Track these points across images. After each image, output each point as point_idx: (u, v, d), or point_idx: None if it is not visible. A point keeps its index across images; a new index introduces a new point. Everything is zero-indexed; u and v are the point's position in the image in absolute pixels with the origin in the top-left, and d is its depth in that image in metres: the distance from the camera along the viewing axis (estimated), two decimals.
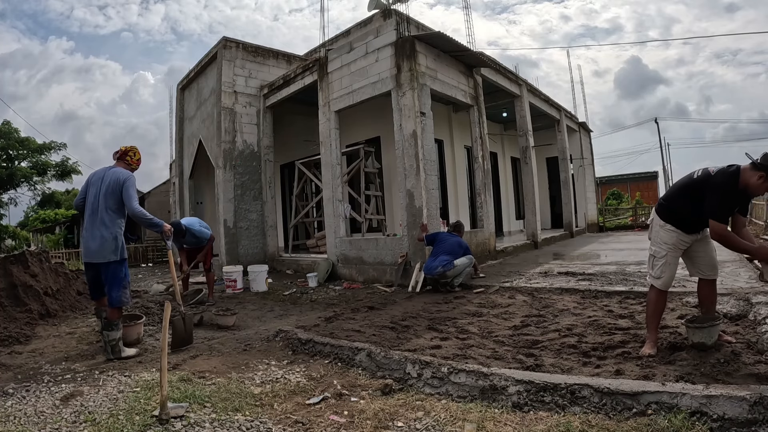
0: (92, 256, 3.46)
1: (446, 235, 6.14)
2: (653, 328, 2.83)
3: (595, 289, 4.72)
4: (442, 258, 5.61)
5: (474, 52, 8.21)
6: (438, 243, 5.91)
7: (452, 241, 5.88)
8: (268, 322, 4.64)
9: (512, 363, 2.71)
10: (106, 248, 3.42)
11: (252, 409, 2.37)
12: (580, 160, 14.20)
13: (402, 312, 4.49)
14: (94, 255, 3.45)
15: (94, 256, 3.45)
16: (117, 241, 3.45)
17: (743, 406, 1.83)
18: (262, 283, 6.83)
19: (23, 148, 26.05)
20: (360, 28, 8.99)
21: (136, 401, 2.46)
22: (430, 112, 6.79)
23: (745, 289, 3.95)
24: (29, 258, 5.13)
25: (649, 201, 31.25)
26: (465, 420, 2.11)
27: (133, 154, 3.71)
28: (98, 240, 3.43)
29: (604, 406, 2.06)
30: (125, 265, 3.54)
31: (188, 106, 11.62)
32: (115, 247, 3.44)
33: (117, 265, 3.47)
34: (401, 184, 6.71)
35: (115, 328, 3.40)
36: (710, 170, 2.64)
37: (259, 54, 9.97)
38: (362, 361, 2.97)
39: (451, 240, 5.92)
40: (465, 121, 8.82)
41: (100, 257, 3.44)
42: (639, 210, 20.30)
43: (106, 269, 3.47)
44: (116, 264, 3.46)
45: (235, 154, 9.32)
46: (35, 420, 2.28)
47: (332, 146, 7.83)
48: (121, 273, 3.48)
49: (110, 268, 3.45)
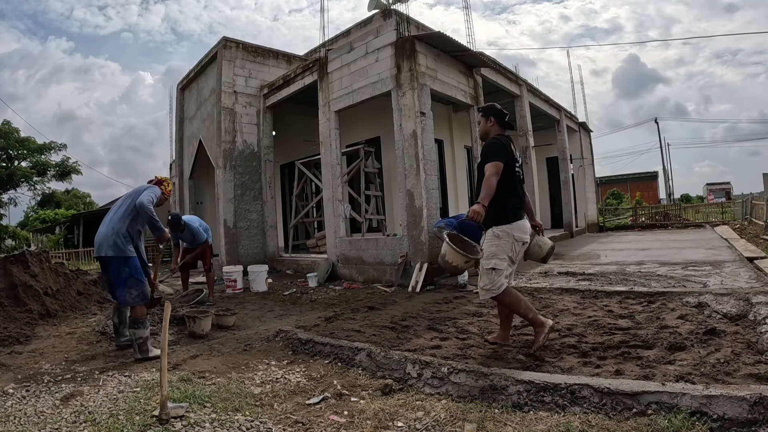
0: (96, 249, 3.54)
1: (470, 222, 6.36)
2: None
3: (595, 289, 4.72)
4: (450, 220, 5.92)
5: (474, 52, 8.22)
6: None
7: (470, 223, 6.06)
8: (268, 322, 4.64)
9: (512, 363, 2.71)
10: (105, 243, 3.45)
11: (252, 409, 2.37)
12: (580, 160, 14.20)
13: (402, 312, 4.49)
14: (97, 248, 3.52)
15: (97, 249, 3.52)
16: (117, 238, 3.45)
17: (743, 406, 1.83)
18: (262, 283, 6.83)
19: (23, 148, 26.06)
20: (360, 28, 9.00)
21: (136, 401, 2.46)
22: (430, 112, 6.79)
23: (745, 289, 3.95)
24: (29, 258, 5.13)
25: (649, 201, 31.28)
26: (465, 420, 2.11)
27: (167, 185, 3.92)
28: (101, 235, 3.51)
29: (604, 406, 2.06)
30: (129, 265, 3.48)
31: (188, 106, 11.62)
32: (113, 243, 3.43)
33: (118, 263, 3.45)
34: (401, 184, 6.71)
35: (141, 326, 3.40)
36: None
37: (259, 54, 9.97)
38: (362, 361, 2.97)
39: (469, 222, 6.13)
40: (465, 121, 8.83)
41: (100, 250, 3.48)
42: (639, 210, 20.30)
43: (109, 266, 3.48)
44: (117, 262, 3.45)
45: (235, 154, 9.32)
46: (35, 420, 2.28)
47: (332, 146, 7.83)
48: (123, 272, 3.44)
49: (112, 266, 3.46)
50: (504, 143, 3.00)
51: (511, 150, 3.02)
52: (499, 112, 3.17)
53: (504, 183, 2.93)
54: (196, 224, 5.82)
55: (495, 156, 2.93)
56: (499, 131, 3.16)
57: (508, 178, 2.96)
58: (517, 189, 3.06)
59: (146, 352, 3.39)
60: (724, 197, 33.01)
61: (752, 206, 14.96)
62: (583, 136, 14.72)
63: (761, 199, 13.94)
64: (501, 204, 2.94)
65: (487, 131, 3.20)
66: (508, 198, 2.97)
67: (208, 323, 4.15)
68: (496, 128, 3.17)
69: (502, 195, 2.92)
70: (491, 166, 2.90)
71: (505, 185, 2.95)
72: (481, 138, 3.29)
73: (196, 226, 5.79)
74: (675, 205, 23.33)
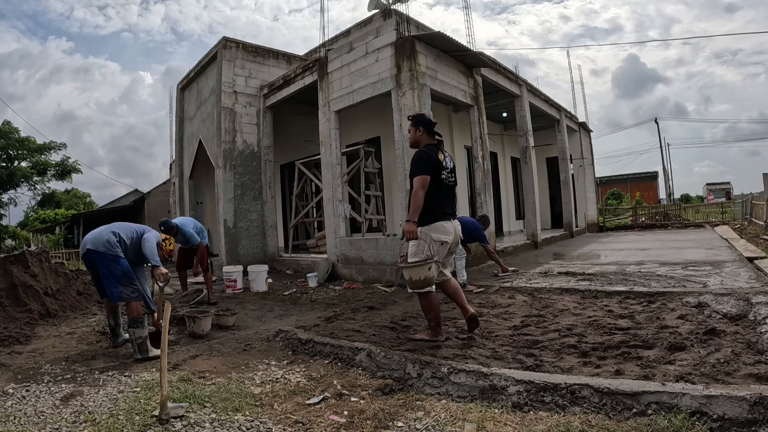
0: (82, 247, 3.54)
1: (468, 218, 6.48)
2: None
3: (595, 289, 4.72)
4: None
5: (474, 52, 8.21)
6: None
7: (467, 220, 6.18)
8: (268, 322, 4.64)
9: (512, 363, 2.71)
10: (96, 240, 3.48)
11: (252, 409, 2.37)
12: (580, 160, 14.20)
13: (402, 312, 4.49)
14: (83, 245, 3.53)
15: (83, 246, 3.53)
16: (111, 237, 3.49)
17: (743, 406, 1.83)
18: (262, 283, 6.83)
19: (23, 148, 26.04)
20: (360, 28, 8.99)
21: (136, 401, 2.46)
22: (430, 112, 6.79)
23: (745, 289, 3.95)
24: (29, 258, 5.12)
25: (649, 201, 31.28)
26: (465, 420, 2.11)
27: (168, 243, 3.95)
28: (93, 234, 3.56)
29: (604, 406, 2.06)
30: (122, 264, 3.47)
31: (188, 106, 11.62)
32: (106, 241, 3.46)
33: (109, 261, 3.43)
34: (401, 184, 6.71)
35: (139, 326, 3.39)
36: None
37: (259, 54, 9.97)
38: (362, 361, 2.97)
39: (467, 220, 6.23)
40: (465, 121, 8.82)
41: (86, 245, 3.49)
42: (639, 210, 20.29)
43: (99, 263, 3.44)
44: (108, 260, 3.43)
45: (235, 154, 9.32)
46: (35, 420, 2.28)
47: (332, 146, 7.83)
48: (116, 269, 3.43)
49: (103, 263, 3.43)
50: (430, 154, 3.21)
51: (437, 159, 3.21)
52: (427, 122, 3.39)
53: (430, 188, 3.15)
54: (189, 227, 5.75)
55: (421, 170, 3.14)
56: (429, 140, 3.36)
57: (432, 184, 3.16)
58: (440, 193, 3.22)
59: (146, 351, 3.38)
60: (724, 197, 33.00)
61: (752, 206, 14.96)
62: (583, 136, 14.72)
63: (761, 199, 13.94)
64: (423, 206, 3.14)
65: (416, 140, 3.39)
66: (428, 201, 3.15)
67: (208, 323, 4.15)
68: (426, 137, 3.36)
69: (427, 198, 3.14)
70: (418, 181, 3.13)
71: (429, 190, 3.15)
72: (411, 146, 3.49)
73: (189, 230, 5.69)
74: (675, 205, 23.32)
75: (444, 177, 3.23)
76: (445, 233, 3.22)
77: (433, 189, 3.16)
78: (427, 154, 3.22)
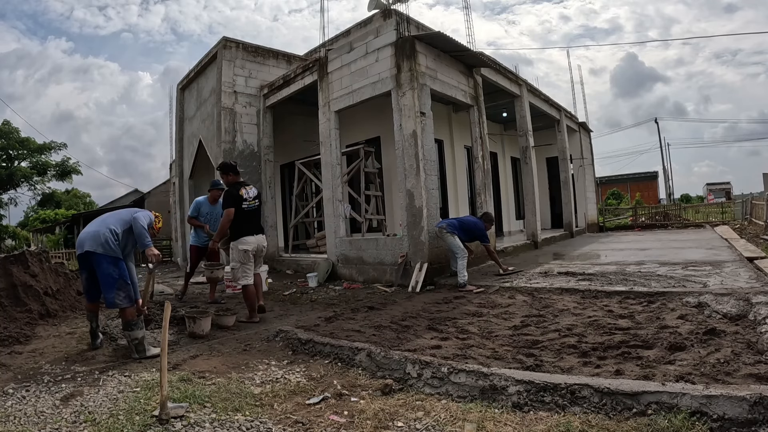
0: (79, 246, 3.48)
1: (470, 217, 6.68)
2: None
3: (595, 289, 4.72)
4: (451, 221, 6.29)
5: (474, 52, 8.21)
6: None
7: (468, 220, 6.40)
8: (268, 322, 4.64)
9: (512, 363, 2.71)
10: (94, 240, 3.41)
11: (252, 409, 2.37)
12: (580, 160, 14.20)
13: (402, 312, 4.49)
14: (80, 245, 3.47)
15: (80, 245, 3.47)
16: (110, 236, 3.42)
17: (743, 406, 1.83)
18: (262, 283, 6.82)
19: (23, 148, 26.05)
20: (360, 28, 9.00)
21: (136, 401, 2.46)
22: (430, 112, 6.79)
23: (745, 289, 3.95)
24: (29, 258, 5.12)
25: (649, 201, 31.28)
26: (465, 420, 2.11)
27: (158, 221, 3.93)
28: (89, 233, 3.49)
29: (604, 406, 2.06)
30: (120, 266, 3.43)
31: (188, 106, 11.62)
32: (105, 241, 3.39)
33: (108, 263, 3.39)
34: (401, 184, 6.71)
35: (134, 327, 3.39)
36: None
37: (259, 54, 9.96)
38: (362, 361, 2.97)
39: (469, 219, 6.46)
40: (465, 121, 8.82)
41: (84, 246, 3.43)
42: (639, 210, 20.29)
43: (97, 265, 3.40)
44: (107, 261, 3.39)
45: (235, 154, 9.31)
46: (35, 420, 2.28)
47: (332, 146, 7.83)
48: (114, 273, 3.39)
49: (101, 265, 3.38)
50: (234, 193, 4.59)
51: (239, 195, 4.58)
52: (233, 167, 4.80)
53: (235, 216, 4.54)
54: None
55: (228, 205, 4.56)
56: (236, 179, 4.72)
57: (236, 214, 4.55)
58: (248, 217, 4.63)
59: (143, 351, 3.38)
60: (724, 197, 32.98)
61: (752, 206, 14.96)
62: (583, 136, 14.72)
63: (761, 199, 13.94)
64: (233, 228, 4.61)
65: (228, 182, 4.74)
66: (235, 224, 4.58)
67: (208, 323, 4.15)
68: (233, 177, 4.73)
69: (234, 222, 4.57)
70: (226, 214, 4.55)
71: (236, 217, 4.55)
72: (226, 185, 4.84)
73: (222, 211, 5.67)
74: (675, 205, 23.32)
75: (245, 206, 4.59)
76: (247, 244, 4.59)
77: (238, 215, 4.55)
78: (231, 192, 4.59)
